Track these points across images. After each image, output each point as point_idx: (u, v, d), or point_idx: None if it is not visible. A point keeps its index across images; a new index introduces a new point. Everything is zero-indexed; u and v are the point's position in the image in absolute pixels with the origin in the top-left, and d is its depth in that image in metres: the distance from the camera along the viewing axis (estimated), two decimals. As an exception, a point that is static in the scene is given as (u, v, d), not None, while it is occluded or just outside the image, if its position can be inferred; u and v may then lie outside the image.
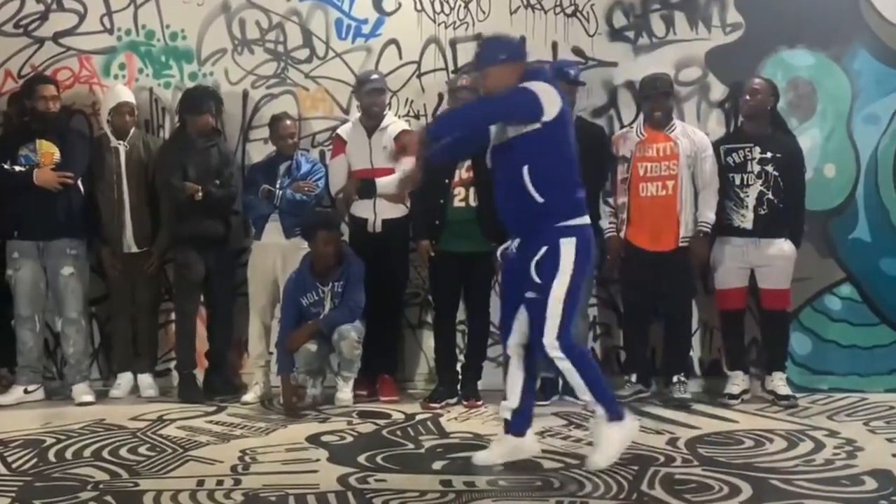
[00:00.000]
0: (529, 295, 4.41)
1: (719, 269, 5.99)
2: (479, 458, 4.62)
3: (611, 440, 4.45)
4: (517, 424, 4.61)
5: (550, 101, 4.32)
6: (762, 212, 5.89)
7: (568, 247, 4.33)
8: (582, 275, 4.43)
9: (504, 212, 4.54)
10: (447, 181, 5.86)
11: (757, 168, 5.90)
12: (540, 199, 4.35)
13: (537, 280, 4.35)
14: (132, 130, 6.22)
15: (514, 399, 4.59)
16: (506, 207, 4.50)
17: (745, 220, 5.91)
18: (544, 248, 4.35)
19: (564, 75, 5.88)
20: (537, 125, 4.32)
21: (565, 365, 4.39)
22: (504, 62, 4.46)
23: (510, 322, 4.57)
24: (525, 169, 4.35)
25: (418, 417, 5.62)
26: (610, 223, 5.96)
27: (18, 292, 6.04)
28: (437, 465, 4.66)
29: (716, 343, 6.30)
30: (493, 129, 4.50)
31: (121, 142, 6.17)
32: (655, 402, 5.92)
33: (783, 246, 5.91)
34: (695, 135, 5.93)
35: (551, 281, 4.33)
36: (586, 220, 4.45)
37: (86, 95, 6.52)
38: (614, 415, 4.44)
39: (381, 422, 5.52)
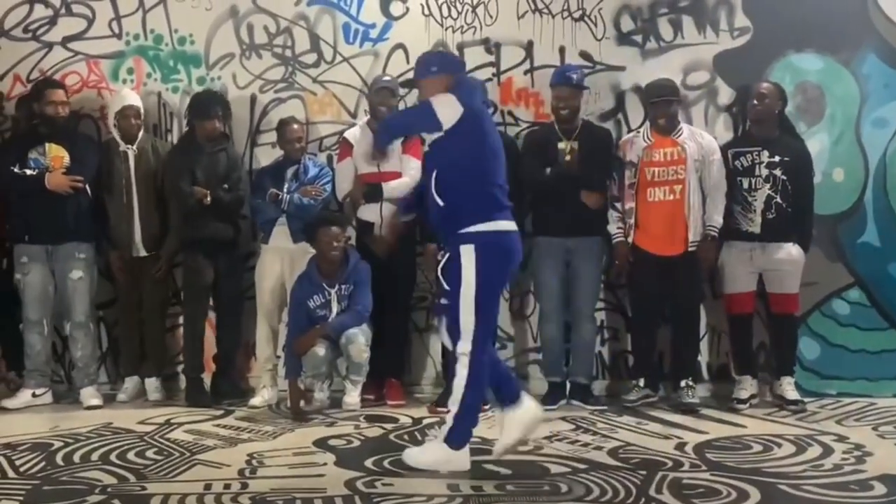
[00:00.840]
0: (443, 301, 4.52)
1: (727, 273, 5.98)
2: (498, 449, 4.66)
3: (436, 454, 4.56)
4: (506, 395, 4.63)
5: (447, 110, 4.43)
6: (770, 216, 5.87)
7: (467, 254, 4.39)
8: (489, 283, 4.43)
9: (427, 216, 4.68)
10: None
11: (765, 172, 5.89)
12: (441, 203, 4.47)
13: (446, 286, 4.46)
14: (140, 135, 6.23)
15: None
16: (428, 212, 4.62)
17: (753, 224, 5.89)
18: (447, 255, 4.49)
19: (567, 80, 5.89)
20: (441, 133, 4.45)
21: (462, 373, 4.45)
22: (435, 74, 4.61)
23: None
24: (433, 175, 4.48)
25: (426, 421, 5.61)
26: (618, 228, 5.95)
27: (27, 296, 6.05)
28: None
29: (724, 347, 6.29)
30: None
31: (129, 146, 6.18)
32: (663, 407, 5.91)
33: (791, 250, 5.90)
34: (702, 138, 5.91)
35: (457, 288, 4.40)
36: (497, 225, 4.46)
37: (94, 100, 6.54)
38: (454, 444, 4.53)
39: (389, 426, 5.52)
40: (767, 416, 5.75)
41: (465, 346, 4.44)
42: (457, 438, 4.52)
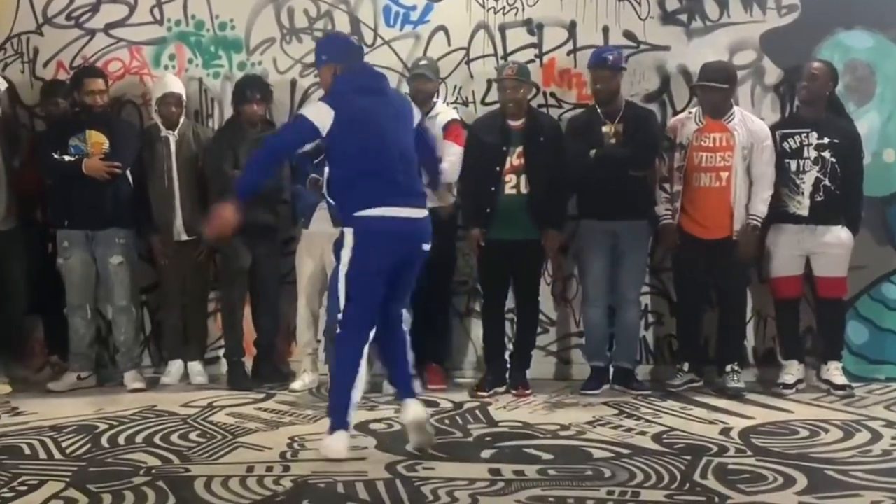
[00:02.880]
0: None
1: (774, 256, 5.89)
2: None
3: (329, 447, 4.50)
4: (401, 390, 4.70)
5: (320, 116, 4.47)
6: (818, 198, 5.77)
7: (347, 237, 4.50)
8: (363, 266, 4.45)
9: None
10: (498, 169, 5.82)
11: (813, 154, 5.78)
12: (332, 202, 4.67)
13: (334, 261, 4.61)
14: (182, 120, 6.25)
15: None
16: None
17: (801, 206, 5.80)
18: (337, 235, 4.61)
19: (603, 61, 5.82)
20: (323, 138, 4.53)
21: (331, 349, 4.57)
22: (324, 63, 4.71)
23: None
24: (326, 174, 4.72)
25: (466, 406, 5.60)
26: (666, 210, 5.87)
27: (69, 281, 6.11)
28: (486, 453, 4.64)
29: (770, 332, 6.20)
30: None
31: (171, 132, 6.21)
32: (708, 392, 5.85)
33: (840, 233, 5.80)
34: (753, 124, 5.81)
35: (337, 265, 4.52)
36: (383, 211, 4.45)
37: (136, 86, 6.57)
38: (329, 428, 4.53)
39: (430, 410, 5.47)
40: (814, 402, 5.67)
41: (337, 326, 4.54)
42: (331, 422, 4.53)
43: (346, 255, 4.48)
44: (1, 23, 6.57)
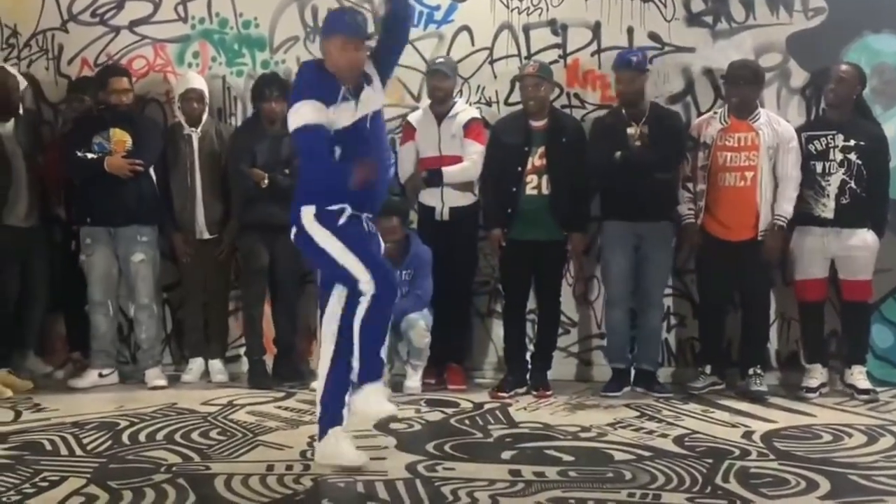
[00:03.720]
0: None
1: (799, 259, 5.84)
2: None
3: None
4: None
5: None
6: (844, 201, 5.72)
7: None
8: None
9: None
10: (520, 169, 5.81)
11: (839, 156, 5.74)
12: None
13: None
14: (205, 118, 6.27)
15: None
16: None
17: (827, 209, 5.75)
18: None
19: (627, 63, 5.80)
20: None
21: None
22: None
23: None
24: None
25: (487, 406, 5.58)
26: (688, 210, 5.84)
27: (91, 278, 6.14)
28: (506, 454, 4.62)
29: (794, 335, 6.15)
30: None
31: (193, 129, 6.22)
32: (731, 395, 5.81)
33: (865, 236, 5.75)
34: (779, 125, 5.77)
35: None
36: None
37: (160, 84, 6.59)
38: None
39: (450, 410, 5.49)
40: (838, 406, 5.62)
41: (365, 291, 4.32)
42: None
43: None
44: (26, 19, 6.61)
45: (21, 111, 6.16)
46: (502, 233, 5.91)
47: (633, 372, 5.98)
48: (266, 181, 5.96)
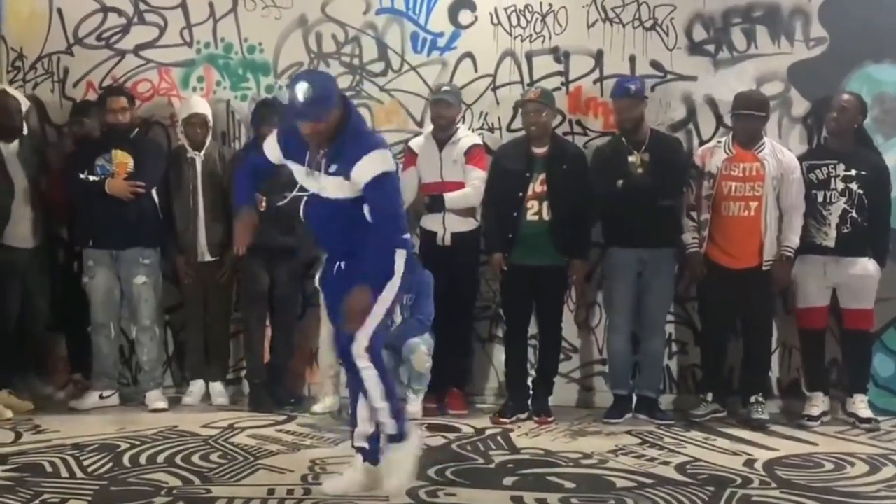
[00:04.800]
0: None
1: (800, 287, 5.86)
2: (329, 486, 4.37)
3: (403, 463, 4.23)
4: (374, 451, 4.33)
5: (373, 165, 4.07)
6: (845, 230, 5.75)
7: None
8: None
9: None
10: (521, 194, 5.83)
11: (840, 185, 5.77)
12: None
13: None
14: (208, 141, 6.29)
15: (367, 424, 4.33)
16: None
17: (828, 238, 5.78)
18: None
19: (625, 90, 5.83)
20: None
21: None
22: (336, 106, 4.17)
23: None
24: None
25: (488, 432, 5.58)
26: (693, 238, 5.85)
27: (93, 300, 6.14)
28: (508, 480, 4.61)
29: (795, 363, 6.15)
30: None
31: (197, 152, 6.24)
32: (732, 423, 5.81)
33: (866, 265, 5.77)
34: (783, 155, 5.80)
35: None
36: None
37: (164, 107, 6.62)
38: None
39: (451, 435, 5.49)
40: (839, 434, 5.62)
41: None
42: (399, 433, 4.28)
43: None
44: (32, 43, 6.65)
45: (25, 132, 6.19)
46: (503, 258, 5.92)
47: (634, 398, 5.98)
48: (264, 204, 5.97)
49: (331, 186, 4.13)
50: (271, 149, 4.38)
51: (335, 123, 4.08)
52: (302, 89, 3.99)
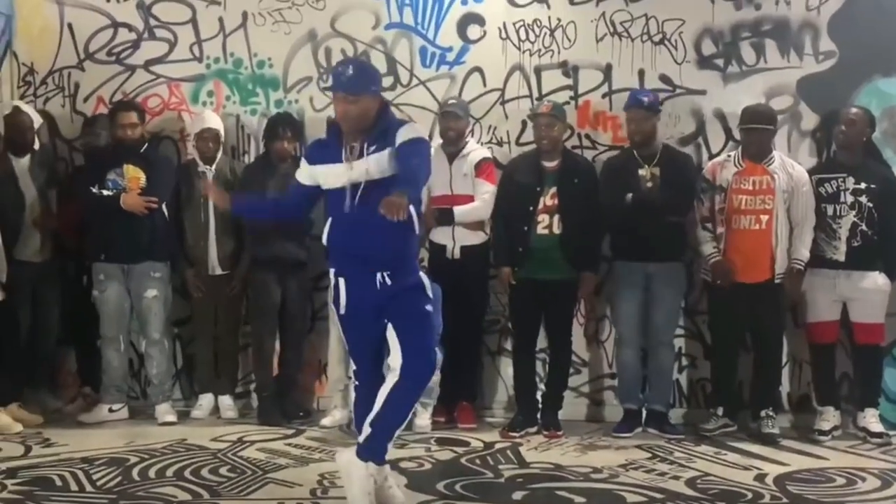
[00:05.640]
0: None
1: (810, 301, 5.84)
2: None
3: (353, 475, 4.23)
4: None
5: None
6: (855, 243, 5.73)
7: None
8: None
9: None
10: (531, 208, 5.83)
11: (850, 199, 5.76)
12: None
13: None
14: (218, 156, 6.31)
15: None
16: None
17: (838, 251, 5.76)
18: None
19: (638, 102, 5.83)
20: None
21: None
22: (376, 94, 4.32)
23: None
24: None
25: (497, 446, 5.56)
26: (713, 248, 5.82)
27: (103, 313, 6.15)
28: (518, 495, 4.61)
29: (805, 377, 6.13)
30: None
31: (208, 167, 6.26)
32: (742, 437, 5.78)
33: (877, 279, 5.75)
34: (793, 169, 5.79)
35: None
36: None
37: (174, 122, 6.65)
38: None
39: (460, 449, 5.48)
40: (850, 449, 5.59)
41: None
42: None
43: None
44: (43, 58, 6.68)
45: (37, 147, 6.22)
46: (512, 271, 5.91)
47: (644, 413, 5.96)
48: None
49: (373, 163, 4.16)
50: (300, 171, 4.45)
51: (371, 112, 4.20)
52: (350, 63, 4.26)
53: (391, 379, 4.18)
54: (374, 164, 4.16)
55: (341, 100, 4.20)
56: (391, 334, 4.22)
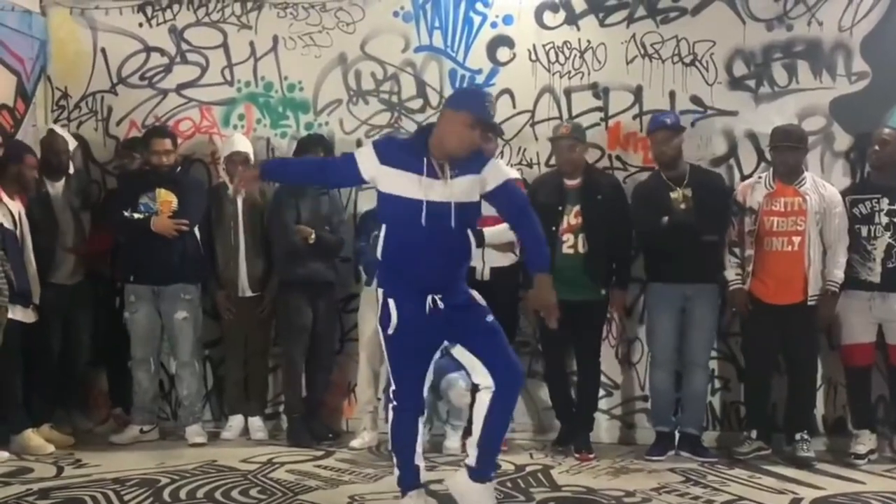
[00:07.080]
0: None
1: (845, 323, 5.78)
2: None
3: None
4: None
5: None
6: (890, 265, 5.67)
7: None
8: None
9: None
10: (554, 228, 5.80)
11: (885, 220, 5.70)
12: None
13: None
14: (248, 178, 6.34)
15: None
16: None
17: (873, 273, 5.70)
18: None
19: (661, 123, 5.81)
20: None
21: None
22: None
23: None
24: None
25: (528, 469, 5.52)
26: (736, 275, 5.79)
27: (134, 334, 6.19)
28: (550, 518, 4.56)
29: (840, 400, 6.05)
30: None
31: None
32: (777, 460, 5.71)
33: (913, 300, 5.68)
34: (825, 189, 5.75)
35: None
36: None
37: (205, 145, 6.71)
38: None
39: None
40: (887, 473, 5.51)
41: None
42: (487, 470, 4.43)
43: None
44: (77, 82, 6.77)
45: (71, 171, 6.28)
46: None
47: (677, 435, 5.90)
48: (313, 237, 6.01)
49: (459, 187, 4.23)
50: (365, 157, 4.31)
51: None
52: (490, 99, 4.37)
53: (485, 396, 4.26)
54: (462, 188, 4.26)
55: (476, 135, 4.23)
56: (462, 353, 4.31)
